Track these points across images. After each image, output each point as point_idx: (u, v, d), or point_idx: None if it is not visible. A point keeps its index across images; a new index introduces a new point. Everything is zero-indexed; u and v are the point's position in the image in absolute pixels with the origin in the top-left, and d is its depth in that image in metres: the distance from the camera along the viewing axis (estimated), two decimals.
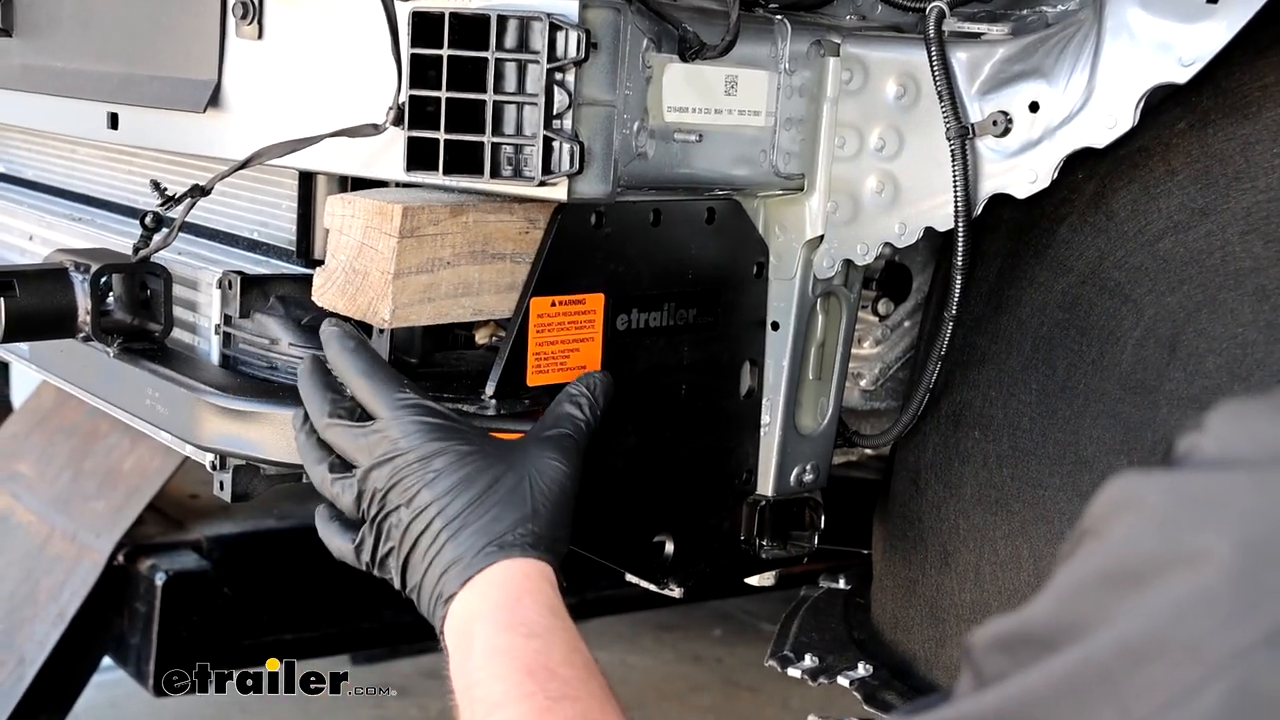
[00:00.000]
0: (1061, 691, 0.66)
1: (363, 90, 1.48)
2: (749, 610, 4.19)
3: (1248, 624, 0.61)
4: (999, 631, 0.72)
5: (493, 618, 1.22)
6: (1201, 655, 0.61)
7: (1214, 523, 0.63)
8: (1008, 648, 0.71)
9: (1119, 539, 0.67)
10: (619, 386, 1.54)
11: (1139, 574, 0.65)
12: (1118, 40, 1.46)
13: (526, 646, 1.18)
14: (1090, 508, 0.70)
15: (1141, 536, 0.66)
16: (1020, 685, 0.68)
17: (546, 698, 1.13)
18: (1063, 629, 0.67)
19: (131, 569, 2.59)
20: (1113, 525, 0.68)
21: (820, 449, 1.78)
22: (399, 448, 1.30)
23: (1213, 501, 0.64)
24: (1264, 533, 0.62)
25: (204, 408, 1.51)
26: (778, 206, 1.67)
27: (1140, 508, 0.67)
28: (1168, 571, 0.64)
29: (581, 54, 1.34)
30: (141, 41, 1.76)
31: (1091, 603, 0.67)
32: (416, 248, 1.40)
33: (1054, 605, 0.69)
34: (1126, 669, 0.63)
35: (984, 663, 0.72)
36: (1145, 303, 1.56)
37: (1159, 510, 0.66)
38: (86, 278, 1.57)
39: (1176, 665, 0.62)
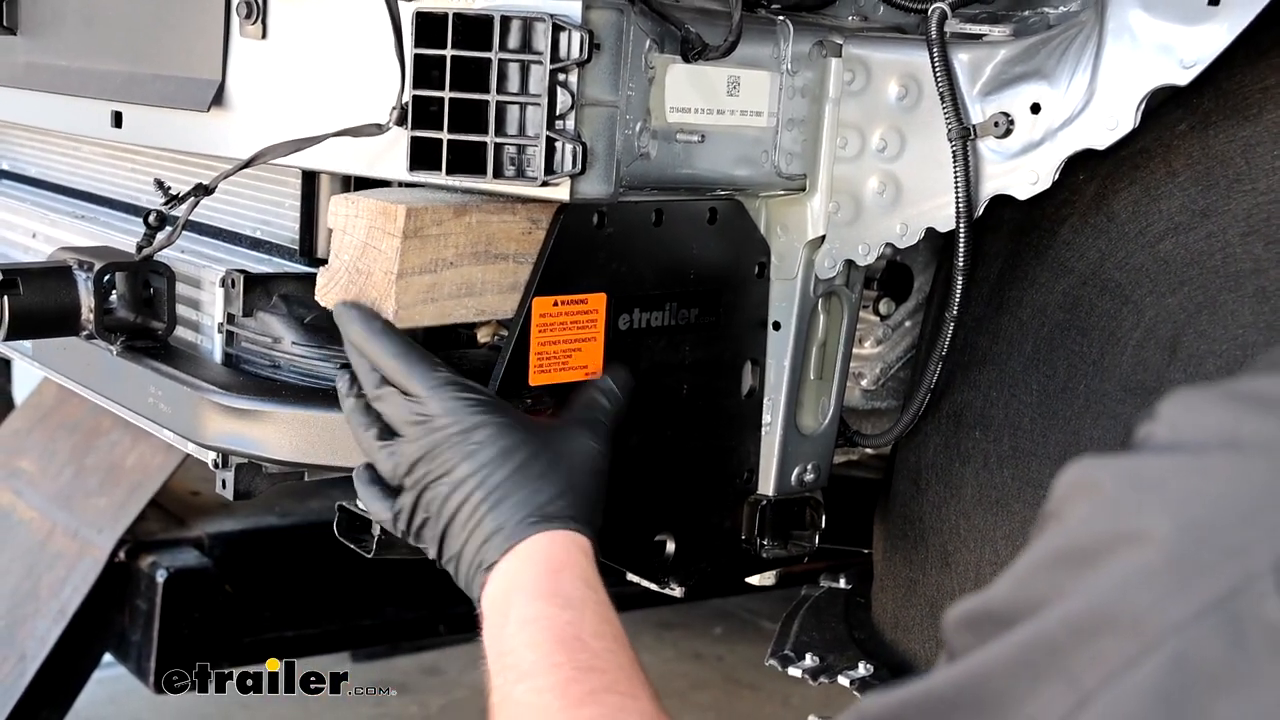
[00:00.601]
0: (1016, 664, 0.69)
1: (366, 90, 1.48)
2: (750, 608, 4.19)
3: (1184, 599, 0.64)
4: (966, 610, 0.75)
5: (531, 587, 1.24)
6: (1142, 628, 0.64)
7: (1157, 503, 0.67)
8: (973, 625, 0.74)
9: (1074, 520, 0.71)
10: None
11: (1089, 553, 0.68)
12: (1119, 42, 1.46)
13: (560, 617, 1.21)
14: (1053, 491, 0.74)
15: (1093, 517, 0.69)
16: (979, 660, 0.71)
17: (574, 668, 1.16)
18: (1020, 606, 0.71)
19: (133, 566, 2.60)
20: (1070, 507, 0.72)
21: (821, 449, 1.78)
22: (442, 422, 1.33)
23: (1157, 483, 0.68)
24: (1201, 512, 0.65)
25: (207, 406, 1.51)
26: (780, 207, 1.68)
27: (1094, 490, 0.70)
28: (1114, 550, 0.67)
29: (584, 55, 1.34)
30: (145, 40, 1.77)
31: (1046, 581, 0.70)
32: (420, 248, 1.40)
33: (1013, 584, 0.73)
34: (1074, 642, 0.67)
35: (954, 640, 0.76)
36: (1146, 304, 1.57)
37: (1110, 492, 0.69)
38: (90, 276, 1.57)
39: (1120, 638, 0.65)
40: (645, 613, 3.85)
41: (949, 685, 0.72)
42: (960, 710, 0.71)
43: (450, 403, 1.33)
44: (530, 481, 1.31)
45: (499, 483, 1.30)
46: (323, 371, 1.54)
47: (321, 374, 1.54)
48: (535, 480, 1.31)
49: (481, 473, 1.31)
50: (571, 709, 1.12)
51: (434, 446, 1.32)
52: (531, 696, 1.15)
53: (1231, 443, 0.67)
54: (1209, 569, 0.64)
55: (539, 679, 1.16)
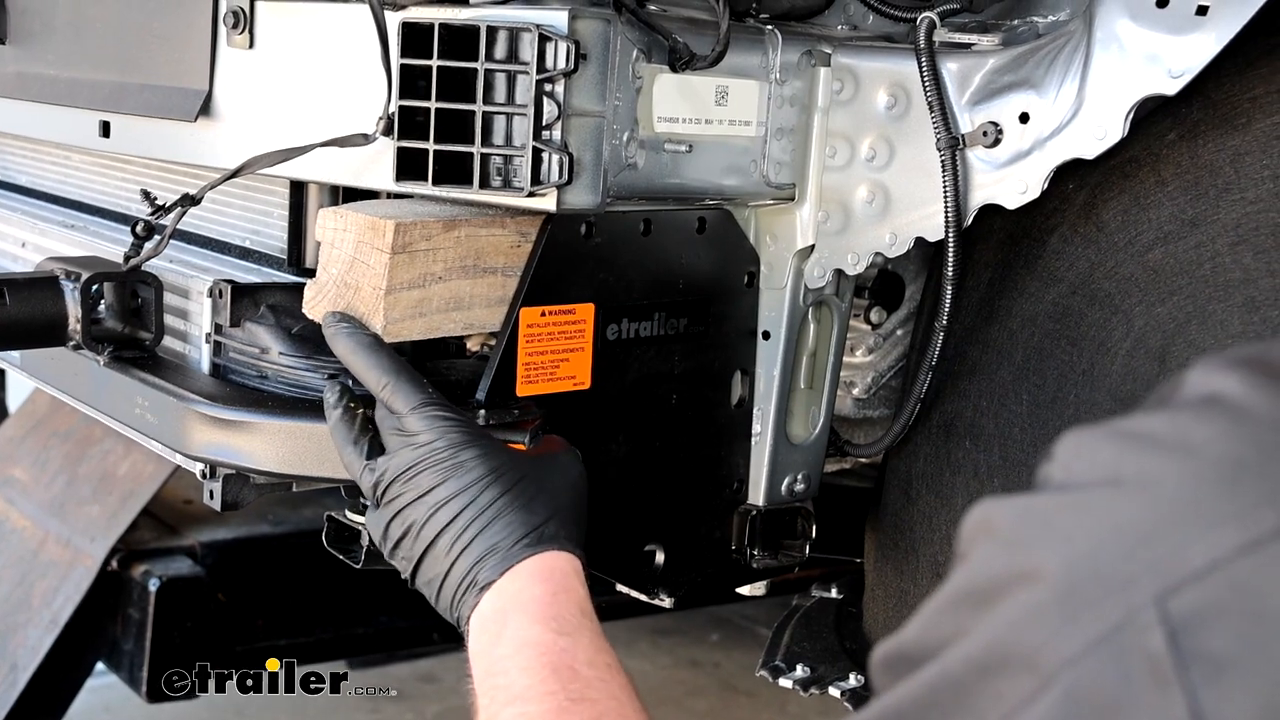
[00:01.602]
0: (924, 705, 0.71)
1: (353, 100, 1.48)
2: (746, 615, 4.19)
3: (1073, 634, 0.65)
4: (884, 651, 0.77)
5: (530, 610, 1.24)
6: (1036, 665, 0.66)
7: (1045, 541, 0.68)
8: (889, 666, 0.76)
9: (975, 560, 0.72)
10: (610, 396, 1.55)
11: (987, 592, 0.70)
12: (1107, 51, 1.46)
13: (556, 643, 1.21)
14: (959, 531, 0.76)
15: (990, 557, 0.71)
16: (892, 700, 0.73)
17: (567, 698, 1.15)
18: (927, 646, 0.72)
19: (125, 574, 2.59)
20: (972, 548, 0.73)
21: (811, 458, 1.78)
22: (424, 439, 1.33)
23: (1045, 521, 0.69)
24: (1085, 548, 0.67)
25: (193, 417, 1.51)
26: (769, 216, 1.68)
27: (990, 530, 0.72)
28: (1009, 588, 0.69)
29: (571, 65, 1.34)
30: (133, 50, 1.76)
31: (950, 621, 0.72)
32: (408, 263, 1.40)
33: (922, 625, 0.74)
34: (976, 681, 0.68)
35: (875, 681, 0.78)
36: (1135, 314, 1.56)
37: (1004, 532, 0.71)
38: (77, 286, 1.57)
39: (1017, 675, 0.67)
40: (641, 620, 3.85)
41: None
42: None
43: (434, 422, 1.33)
44: (523, 503, 1.31)
45: (489, 503, 1.30)
46: (310, 382, 1.53)
47: (309, 385, 1.53)
48: (528, 502, 1.31)
49: (469, 493, 1.30)
50: None
51: (414, 464, 1.32)
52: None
53: (1113, 480, 0.68)
54: (1095, 603, 0.65)
55: (530, 705, 1.15)
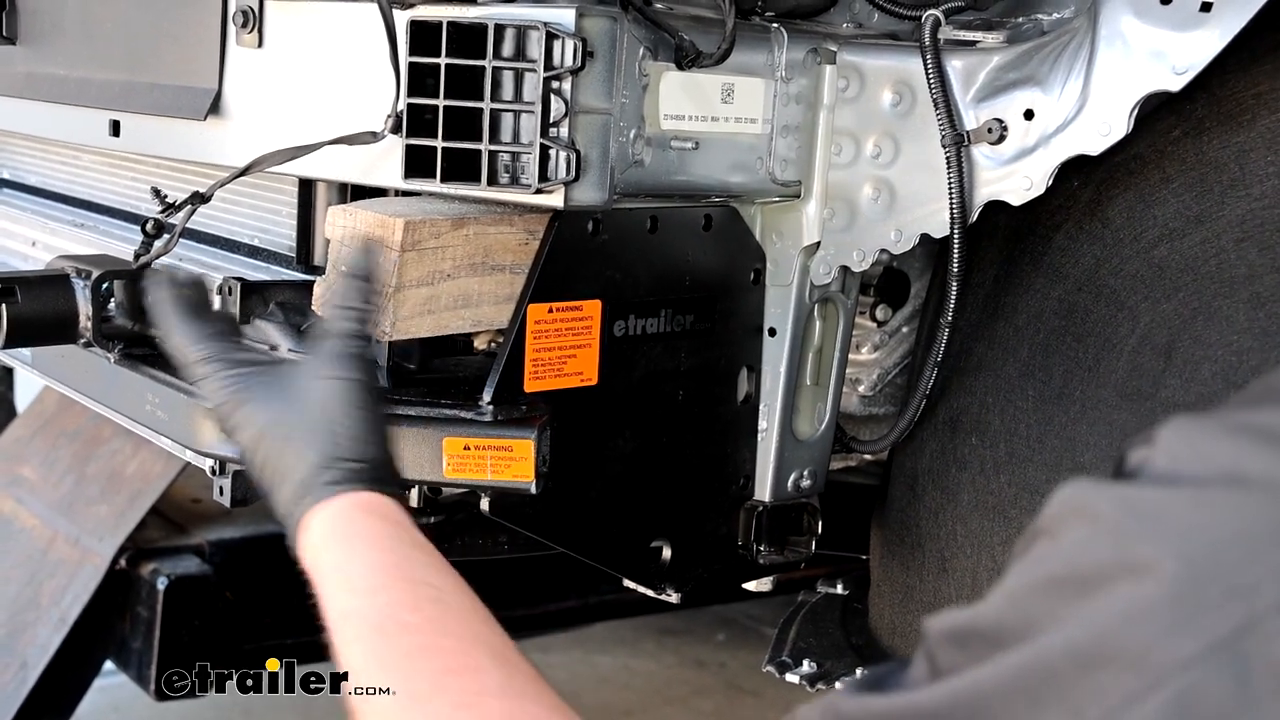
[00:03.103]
0: (1013, 689, 0.68)
1: (361, 98, 1.49)
2: (752, 615, 4.18)
3: (1187, 636, 0.63)
4: (954, 624, 0.74)
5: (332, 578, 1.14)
6: (1145, 665, 0.64)
7: (1158, 536, 0.66)
8: (959, 641, 0.73)
9: (1070, 544, 0.69)
10: (617, 393, 1.55)
11: (1087, 580, 0.67)
12: (1112, 48, 1.46)
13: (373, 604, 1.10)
14: (1045, 509, 0.72)
15: (1091, 544, 0.68)
16: (972, 680, 0.70)
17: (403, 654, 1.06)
18: (1013, 628, 0.70)
19: (134, 573, 2.59)
20: (1065, 530, 0.70)
21: (817, 454, 1.78)
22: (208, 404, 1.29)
23: (1158, 515, 0.66)
24: (1203, 548, 0.64)
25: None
26: (775, 213, 1.68)
27: (1092, 516, 0.69)
28: (1114, 580, 0.66)
29: (578, 63, 1.35)
30: (143, 50, 1.77)
31: (1041, 605, 0.69)
32: (417, 261, 1.40)
33: (1005, 604, 0.71)
34: (1075, 673, 0.66)
35: (938, 653, 0.74)
36: (1141, 310, 1.57)
37: (1109, 520, 0.68)
38: (88, 284, 1.57)
39: (1123, 672, 0.64)
40: (647, 619, 3.85)
41: (938, 703, 0.71)
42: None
43: (208, 383, 1.27)
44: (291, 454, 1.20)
45: (264, 460, 1.22)
46: None
47: None
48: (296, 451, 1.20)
49: (252, 451, 1.23)
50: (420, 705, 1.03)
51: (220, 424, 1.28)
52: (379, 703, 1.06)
53: (1235, 478, 0.66)
54: (1214, 607, 0.63)
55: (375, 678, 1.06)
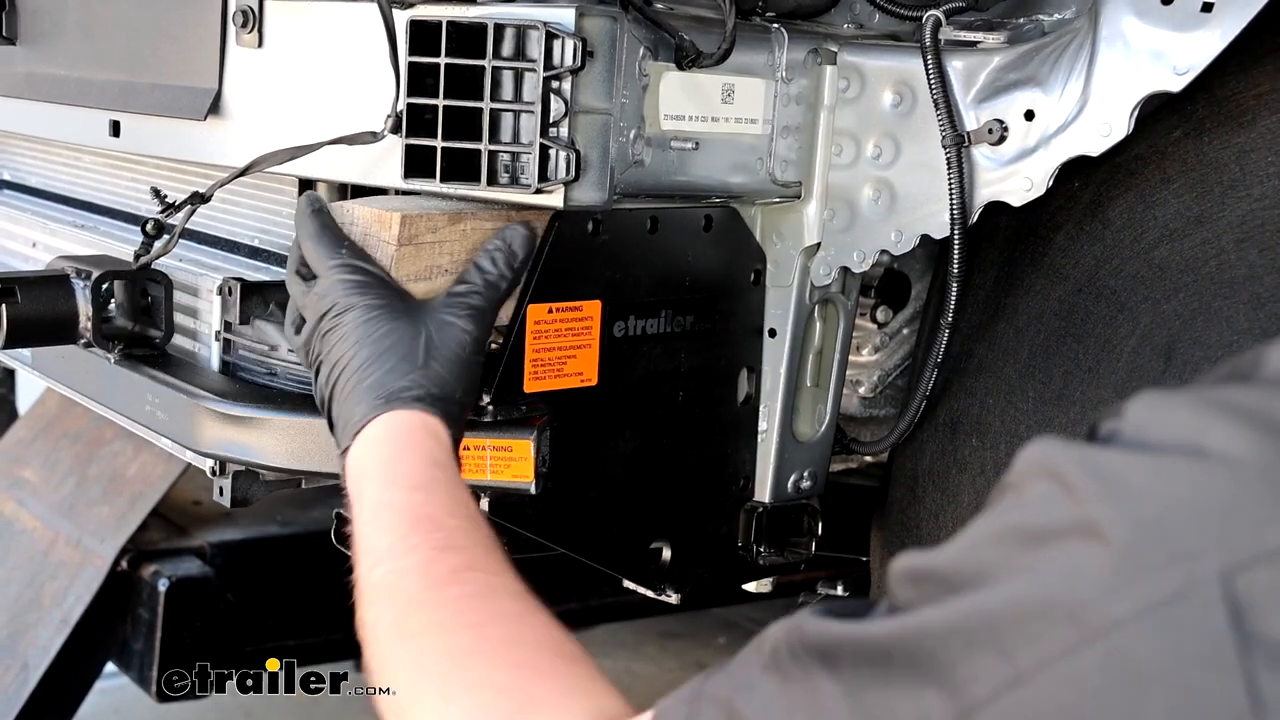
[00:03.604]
0: (953, 630, 0.70)
1: (361, 98, 1.49)
2: (753, 618, 4.18)
3: (1126, 596, 0.65)
4: (913, 564, 0.76)
5: (377, 473, 1.24)
6: (1082, 620, 0.66)
7: (1113, 499, 0.67)
8: (916, 580, 0.75)
9: (1031, 499, 0.71)
10: (617, 393, 1.55)
11: (1041, 535, 0.69)
12: (1112, 49, 1.46)
13: (410, 499, 1.19)
14: (1014, 464, 0.75)
15: (1050, 501, 0.70)
16: (919, 619, 0.72)
17: (432, 548, 1.14)
18: (965, 572, 0.72)
19: (135, 575, 2.59)
20: (1029, 484, 0.72)
21: (818, 456, 1.78)
22: (325, 305, 1.35)
23: (1116, 479, 0.68)
24: (1154, 514, 0.66)
25: (203, 413, 1.52)
26: (775, 214, 1.68)
27: (1054, 474, 0.70)
28: (1065, 537, 0.68)
29: (578, 62, 1.35)
30: (143, 50, 1.77)
31: (995, 553, 0.71)
32: (414, 255, 1.41)
33: (963, 550, 0.73)
34: (1013, 620, 0.68)
35: (896, 590, 0.77)
36: (1141, 311, 1.57)
37: (1070, 478, 0.69)
38: (88, 284, 1.58)
39: (1059, 625, 0.66)
40: (648, 622, 3.84)
41: (887, 635, 0.74)
42: (894, 663, 0.72)
43: (334, 285, 1.34)
44: (385, 364, 1.30)
45: (358, 366, 1.30)
46: None
47: None
48: (389, 363, 1.30)
49: (346, 355, 1.31)
50: (435, 589, 1.10)
51: (322, 329, 1.34)
52: (392, 579, 1.13)
53: (1194, 449, 0.67)
54: (1156, 570, 0.64)
55: (397, 561, 1.14)
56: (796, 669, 0.78)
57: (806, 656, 0.77)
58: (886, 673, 0.73)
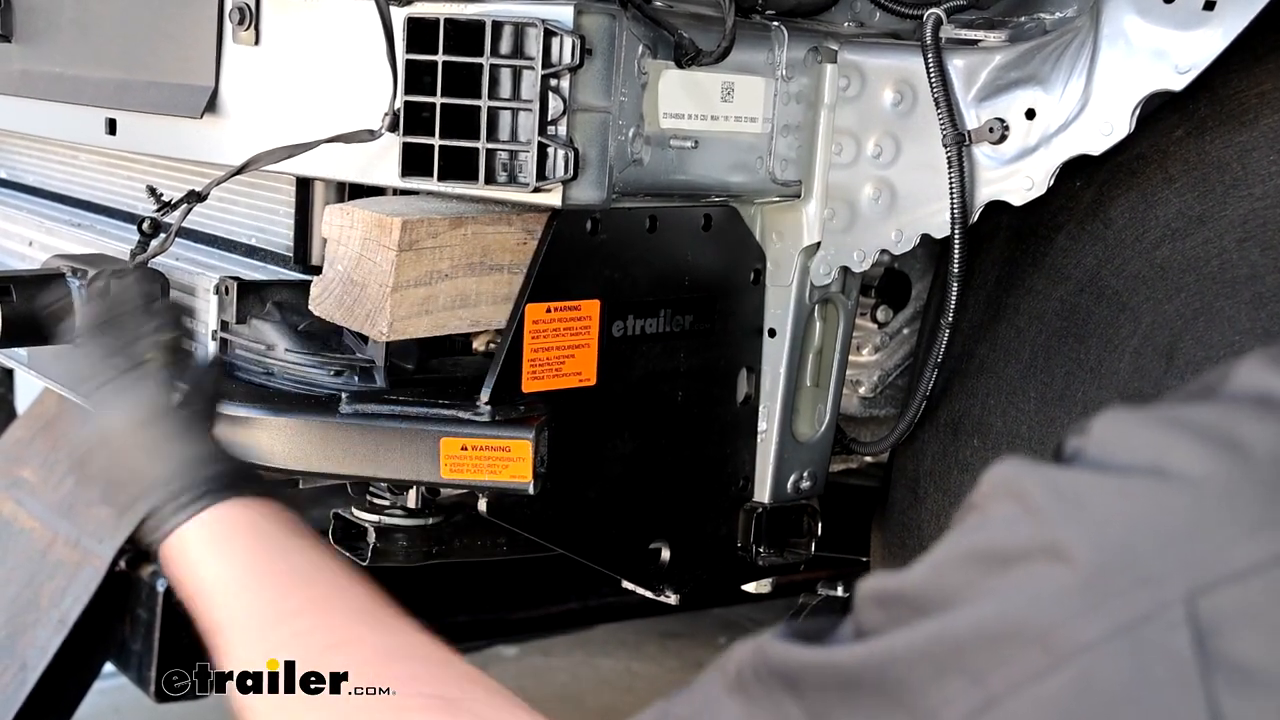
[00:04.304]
0: (920, 655, 0.70)
1: (359, 96, 1.48)
2: (754, 618, 4.17)
3: (1093, 620, 0.65)
4: (881, 587, 0.76)
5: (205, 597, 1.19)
6: (1051, 643, 0.65)
7: (1078, 521, 0.67)
8: (883, 603, 0.75)
9: (995, 521, 0.71)
10: (615, 393, 1.54)
11: (1006, 557, 0.69)
12: (1114, 47, 1.46)
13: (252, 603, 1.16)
14: (979, 484, 0.74)
15: (1014, 523, 0.69)
16: (887, 644, 0.72)
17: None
18: (931, 595, 0.71)
19: (134, 575, 2.58)
20: (993, 506, 0.72)
21: (817, 456, 1.77)
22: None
23: (1081, 501, 0.68)
24: (1120, 536, 0.66)
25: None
26: (775, 213, 1.67)
27: (1019, 495, 0.70)
28: (1031, 560, 0.68)
29: (576, 60, 1.34)
30: (139, 47, 1.77)
31: (960, 576, 0.71)
32: (415, 261, 1.40)
33: (929, 572, 0.73)
34: (981, 645, 0.68)
35: (863, 613, 0.76)
36: (1143, 311, 1.56)
37: (1033, 500, 0.69)
38: (83, 283, 1.57)
39: (1028, 649, 0.66)
40: (649, 622, 3.84)
41: (853, 661, 0.73)
42: (862, 689, 0.72)
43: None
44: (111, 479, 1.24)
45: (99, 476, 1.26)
46: (316, 379, 1.53)
47: (315, 381, 1.53)
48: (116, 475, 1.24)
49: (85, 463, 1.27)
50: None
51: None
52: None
53: (1157, 470, 0.67)
54: (1122, 593, 0.64)
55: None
56: (761, 691, 0.78)
57: (771, 679, 0.77)
58: (854, 698, 0.72)
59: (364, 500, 1.64)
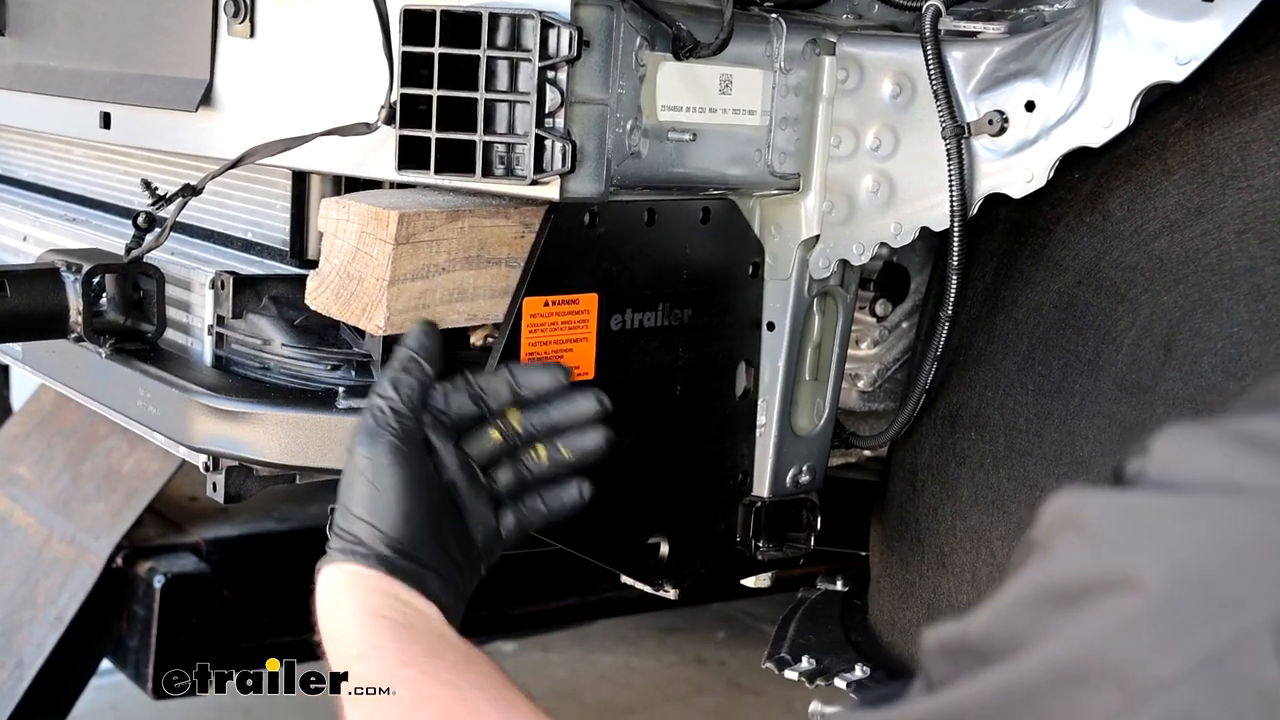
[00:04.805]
0: (994, 708, 0.66)
1: (355, 89, 1.47)
2: (752, 613, 4.18)
3: (1174, 653, 0.60)
4: (945, 637, 0.72)
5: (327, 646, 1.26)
6: (1128, 682, 0.61)
7: (1144, 546, 0.63)
8: (950, 654, 0.71)
9: (1059, 556, 0.67)
10: (613, 387, 1.54)
11: (1072, 594, 0.64)
12: (1114, 39, 1.45)
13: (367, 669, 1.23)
14: (1038, 520, 0.70)
15: (1078, 555, 0.66)
16: (956, 695, 0.68)
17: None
18: (999, 643, 0.67)
19: (130, 571, 2.58)
20: (1056, 541, 0.68)
21: (816, 450, 1.77)
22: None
23: (1146, 525, 0.64)
24: (1194, 560, 0.61)
25: (196, 408, 1.51)
26: (773, 206, 1.67)
27: (1080, 525, 0.66)
28: (1099, 594, 0.63)
29: (574, 52, 1.33)
30: (134, 40, 1.76)
31: (1028, 619, 0.66)
32: (412, 254, 1.39)
33: (993, 618, 0.69)
34: (1055, 690, 0.63)
35: (930, 666, 0.73)
36: (1141, 303, 1.55)
37: (1097, 529, 0.65)
38: (78, 278, 1.56)
39: (1105, 690, 0.62)
40: (647, 617, 3.84)
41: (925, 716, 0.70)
42: None
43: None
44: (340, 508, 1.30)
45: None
46: (312, 373, 1.53)
47: (311, 376, 1.53)
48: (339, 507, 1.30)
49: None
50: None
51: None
52: None
53: (1228, 486, 0.63)
54: (1202, 623, 0.60)
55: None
56: None
57: None
58: None
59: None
